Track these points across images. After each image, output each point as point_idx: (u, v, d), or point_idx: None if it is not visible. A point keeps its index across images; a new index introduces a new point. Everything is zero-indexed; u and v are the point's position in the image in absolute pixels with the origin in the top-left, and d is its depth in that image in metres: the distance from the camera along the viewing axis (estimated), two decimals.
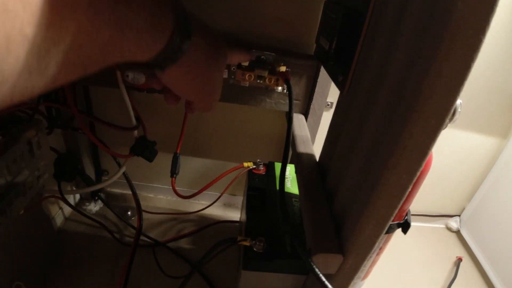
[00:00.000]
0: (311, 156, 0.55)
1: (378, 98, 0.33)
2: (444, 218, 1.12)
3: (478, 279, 0.96)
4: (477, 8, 0.23)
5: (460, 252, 1.04)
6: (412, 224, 1.10)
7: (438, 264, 0.99)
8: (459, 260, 0.99)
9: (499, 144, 0.96)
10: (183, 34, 0.31)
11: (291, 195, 0.62)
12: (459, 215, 1.11)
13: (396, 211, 0.34)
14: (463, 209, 1.10)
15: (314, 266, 0.37)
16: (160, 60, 0.31)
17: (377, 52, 0.35)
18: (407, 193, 0.32)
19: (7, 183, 0.55)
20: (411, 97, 0.27)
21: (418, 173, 0.31)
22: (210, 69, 0.38)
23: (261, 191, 0.63)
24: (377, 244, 0.38)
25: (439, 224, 1.13)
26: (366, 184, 0.34)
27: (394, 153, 0.29)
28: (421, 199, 1.06)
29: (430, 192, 1.05)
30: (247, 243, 0.51)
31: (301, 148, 0.57)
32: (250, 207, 0.60)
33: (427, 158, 0.30)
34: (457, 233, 1.11)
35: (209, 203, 0.89)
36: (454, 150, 0.97)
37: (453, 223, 1.10)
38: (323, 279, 0.36)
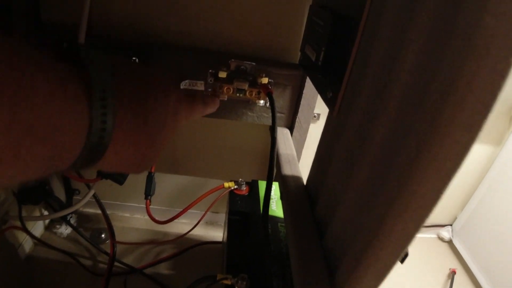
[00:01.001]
0: (298, 179, 0.50)
1: (379, 125, 0.27)
2: (435, 228, 1.08)
3: None
4: (510, 23, 0.17)
5: (453, 262, 1.00)
6: None
7: (431, 277, 0.95)
8: (453, 272, 0.95)
9: (492, 151, 0.93)
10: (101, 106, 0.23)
11: (276, 219, 0.56)
12: (451, 225, 1.08)
13: (400, 258, 0.29)
14: (455, 218, 1.06)
15: None
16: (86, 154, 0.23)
17: (374, 67, 0.30)
18: (412, 240, 0.27)
19: None
20: (423, 133, 0.22)
21: (427, 219, 0.25)
22: (155, 132, 0.29)
23: (243, 215, 0.57)
24: None
25: (430, 234, 1.09)
26: (364, 229, 0.29)
27: (401, 198, 0.24)
28: None
29: None
30: (228, 282, 0.45)
31: (287, 169, 0.51)
32: (231, 235, 0.54)
33: (437, 203, 0.24)
34: (449, 243, 1.07)
35: (189, 221, 0.83)
36: None
37: (445, 233, 1.06)
38: None
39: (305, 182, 0.50)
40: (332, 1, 0.43)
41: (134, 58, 0.53)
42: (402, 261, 0.50)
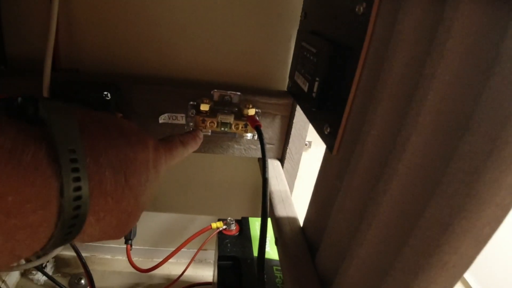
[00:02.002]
0: (294, 220, 0.45)
1: (393, 178, 0.23)
2: None
3: None
4: None
5: None
6: None
7: None
8: None
9: None
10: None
11: (271, 262, 0.51)
12: None
13: None
14: None
15: None
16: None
17: (383, 104, 0.25)
18: None
19: None
20: (457, 195, 0.17)
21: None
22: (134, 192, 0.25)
23: (234, 260, 0.52)
24: None
25: None
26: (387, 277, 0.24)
27: (429, 267, 0.19)
28: None
29: None
30: None
31: (281, 210, 0.46)
32: (222, 284, 0.48)
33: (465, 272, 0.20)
34: None
35: (175, 260, 0.76)
36: None
37: None
38: None
39: (301, 223, 0.45)
40: (322, 27, 0.39)
41: (105, 93, 0.48)
42: None
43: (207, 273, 0.81)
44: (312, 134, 0.69)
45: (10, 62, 0.55)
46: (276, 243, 0.44)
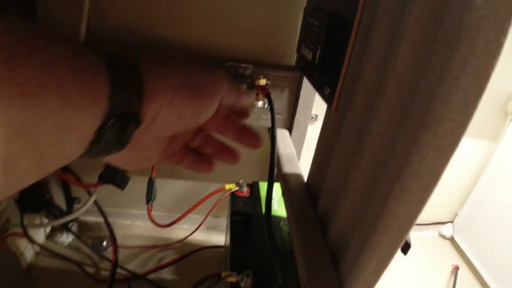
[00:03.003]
0: (299, 176, 0.50)
1: (377, 116, 0.28)
2: (436, 225, 1.09)
3: (476, 286, 0.93)
4: (499, 4, 0.18)
5: (456, 259, 1.01)
6: None
7: (434, 274, 0.95)
8: (456, 269, 0.96)
9: (488, 147, 0.94)
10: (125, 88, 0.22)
11: (278, 218, 0.57)
12: (452, 222, 1.08)
13: (403, 242, 0.30)
14: (456, 215, 1.07)
15: None
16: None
17: (370, 61, 0.31)
18: (415, 222, 0.27)
19: None
20: (419, 114, 0.23)
21: (429, 199, 0.26)
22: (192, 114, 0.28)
23: (245, 216, 0.58)
24: (380, 278, 0.33)
25: (431, 232, 1.09)
26: (367, 216, 0.30)
27: (402, 180, 0.24)
28: None
29: None
30: (233, 279, 0.45)
31: (287, 168, 0.52)
32: (234, 235, 0.54)
33: (438, 183, 0.25)
34: (451, 240, 1.07)
35: (190, 227, 0.83)
36: None
37: (446, 230, 1.07)
38: None
39: (305, 180, 0.51)
40: (326, 3, 0.45)
41: None
42: (405, 253, 0.51)
43: (219, 239, 0.88)
44: (318, 108, 0.75)
45: None
46: (283, 194, 0.50)
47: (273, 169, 0.46)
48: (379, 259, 0.30)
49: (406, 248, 0.51)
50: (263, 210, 0.59)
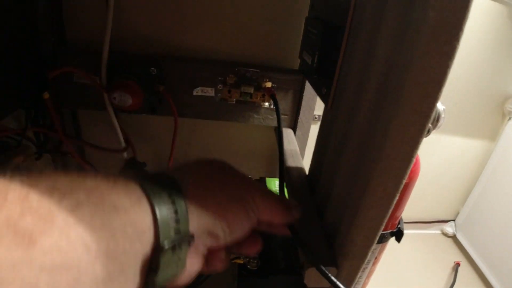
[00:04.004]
0: (301, 169, 0.56)
1: (360, 109, 0.33)
2: (439, 223, 1.12)
3: (477, 283, 0.96)
4: (449, 15, 0.23)
5: (458, 256, 1.04)
6: (408, 231, 1.10)
7: (436, 270, 0.99)
8: (457, 264, 0.99)
9: (487, 147, 0.97)
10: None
11: None
12: (454, 220, 1.12)
13: (386, 220, 0.34)
14: (458, 213, 1.10)
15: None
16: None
17: (356, 64, 0.36)
18: (394, 201, 0.32)
19: None
20: (390, 106, 0.28)
21: (404, 181, 0.31)
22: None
23: None
24: (370, 254, 0.38)
25: (434, 230, 1.13)
26: (354, 196, 0.34)
27: (378, 162, 0.29)
28: (415, 206, 1.06)
29: (423, 198, 1.05)
30: (240, 261, 0.50)
31: (290, 162, 0.57)
32: None
33: (411, 166, 0.30)
34: (453, 237, 1.11)
35: None
36: (444, 155, 0.98)
37: (449, 228, 1.10)
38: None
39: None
40: (323, 13, 0.50)
41: (152, 68, 0.60)
42: (398, 240, 0.55)
43: None
44: (320, 109, 0.80)
45: (69, 44, 0.67)
46: (286, 185, 0.55)
47: (283, 162, 0.51)
48: (366, 234, 0.35)
49: (399, 236, 0.56)
50: None
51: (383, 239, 0.54)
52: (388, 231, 0.53)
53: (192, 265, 0.28)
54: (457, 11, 0.23)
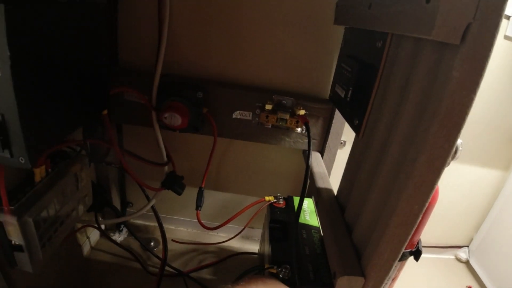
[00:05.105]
0: (330, 191, 0.62)
1: (393, 142, 0.40)
2: (453, 249, 1.16)
3: None
4: (469, 76, 0.30)
5: (470, 281, 1.07)
6: (423, 256, 1.14)
7: None
8: None
9: (501, 176, 1.02)
10: None
11: (310, 227, 0.68)
12: (468, 246, 1.15)
13: (410, 236, 0.40)
14: (471, 239, 1.14)
15: None
16: None
17: (389, 103, 0.42)
18: (418, 220, 0.38)
19: (54, 214, 0.61)
20: (420, 143, 0.34)
21: (427, 203, 0.37)
22: None
23: (282, 223, 0.69)
24: (393, 267, 0.43)
25: (448, 255, 1.16)
26: (384, 215, 0.40)
27: (407, 187, 0.35)
28: (431, 231, 1.10)
29: (439, 224, 1.10)
30: (274, 271, 0.56)
31: (320, 184, 0.63)
32: (273, 238, 0.65)
33: (434, 191, 0.36)
34: (467, 263, 1.14)
35: (227, 235, 0.94)
36: (460, 184, 1.02)
37: (462, 254, 1.14)
38: None
39: (335, 194, 0.62)
40: (356, 52, 0.57)
41: (199, 92, 0.67)
42: (416, 259, 0.60)
43: (253, 247, 0.99)
44: (346, 135, 0.86)
45: (122, 64, 0.76)
46: (316, 205, 0.61)
47: (306, 182, 0.58)
48: (392, 248, 0.40)
49: (417, 255, 0.61)
50: (298, 220, 0.70)
51: (403, 257, 0.59)
52: (408, 250, 0.59)
53: None
54: (476, 72, 0.30)
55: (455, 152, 0.52)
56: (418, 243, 0.60)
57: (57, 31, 0.47)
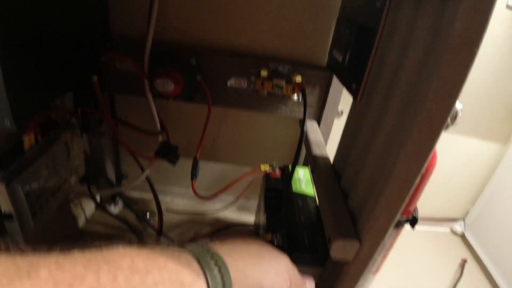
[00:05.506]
0: (326, 158, 0.60)
1: (391, 104, 0.38)
2: (449, 222, 1.16)
3: (482, 280, 1.00)
4: (472, 27, 0.28)
5: (465, 254, 1.08)
6: (418, 228, 1.14)
7: (443, 266, 1.03)
8: (464, 261, 1.03)
9: (500, 149, 1.01)
10: None
11: (306, 196, 0.67)
12: (464, 219, 1.16)
13: (407, 200, 0.39)
14: (467, 212, 1.14)
15: None
16: None
17: (388, 64, 0.40)
18: (416, 183, 0.37)
19: (45, 183, 0.60)
20: (419, 101, 0.33)
21: (425, 165, 0.36)
22: None
23: (277, 192, 0.68)
24: (389, 232, 0.43)
25: (444, 228, 1.17)
26: (380, 179, 0.39)
27: (406, 147, 0.34)
28: (427, 203, 1.10)
29: (435, 196, 1.09)
30: (268, 237, 0.55)
31: (316, 151, 0.62)
32: (268, 206, 0.64)
33: (432, 152, 0.35)
34: (462, 236, 1.14)
35: (223, 206, 0.93)
36: (458, 156, 1.02)
37: (458, 227, 1.14)
38: None
39: (331, 162, 0.61)
40: (356, 15, 0.55)
41: (192, 59, 0.65)
42: (413, 226, 0.60)
43: (249, 218, 0.99)
44: (343, 104, 0.85)
45: (113, 32, 0.73)
46: (312, 172, 0.60)
47: (300, 148, 0.56)
48: (388, 212, 0.39)
49: (413, 223, 0.61)
50: (293, 188, 0.69)
51: (399, 225, 0.59)
52: (404, 218, 0.58)
53: None
54: (479, 24, 0.28)
55: (455, 117, 0.50)
56: (414, 211, 0.60)
57: None
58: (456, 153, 1.01)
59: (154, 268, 0.25)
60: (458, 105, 0.50)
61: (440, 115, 0.32)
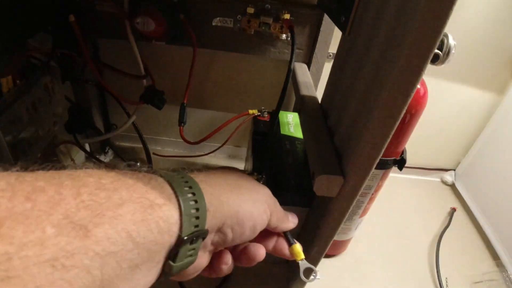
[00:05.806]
0: (314, 98, 0.59)
1: (379, 34, 0.36)
2: (439, 171, 1.17)
3: (470, 227, 1.02)
4: None
5: (455, 203, 1.09)
6: (407, 176, 1.15)
7: (432, 214, 1.04)
8: (453, 210, 1.04)
9: (495, 99, 0.99)
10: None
11: (294, 139, 0.66)
12: (454, 169, 1.16)
13: (392, 132, 0.38)
14: (458, 163, 1.14)
15: None
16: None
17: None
18: (402, 114, 0.35)
19: (26, 126, 0.59)
20: (407, 24, 0.30)
21: (412, 94, 0.34)
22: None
23: (265, 135, 0.67)
24: (374, 170, 0.42)
25: (434, 178, 1.18)
26: (365, 111, 0.38)
27: (392, 75, 0.32)
28: (417, 152, 1.10)
29: (426, 145, 1.09)
30: (254, 178, 0.55)
31: (305, 92, 0.60)
32: (255, 148, 0.64)
33: (420, 79, 0.33)
34: (452, 186, 1.15)
35: (214, 155, 0.92)
36: (451, 104, 1.00)
37: (448, 177, 1.15)
38: None
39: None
40: None
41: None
42: (400, 168, 0.59)
43: (239, 166, 0.98)
44: (334, 47, 0.82)
45: None
46: (299, 112, 0.58)
47: (286, 85, 0.54)
48: (373, 145, 0.38)
49: (401, 164, 0.60)
50: (281, 131, 0.68)
51: (386, 166, 0.58)
52: (392, 159, 0.57)
53: (200, 258, 0.32)
54: None
55: (448, 53, 0.48)
56: (403, 152, 0.59)
57: None
58: (449, 102, 0.99)
59: (122, 187, 0.24)
60: (452, 41, 0.48)
61: (429, 37, 0.30)
